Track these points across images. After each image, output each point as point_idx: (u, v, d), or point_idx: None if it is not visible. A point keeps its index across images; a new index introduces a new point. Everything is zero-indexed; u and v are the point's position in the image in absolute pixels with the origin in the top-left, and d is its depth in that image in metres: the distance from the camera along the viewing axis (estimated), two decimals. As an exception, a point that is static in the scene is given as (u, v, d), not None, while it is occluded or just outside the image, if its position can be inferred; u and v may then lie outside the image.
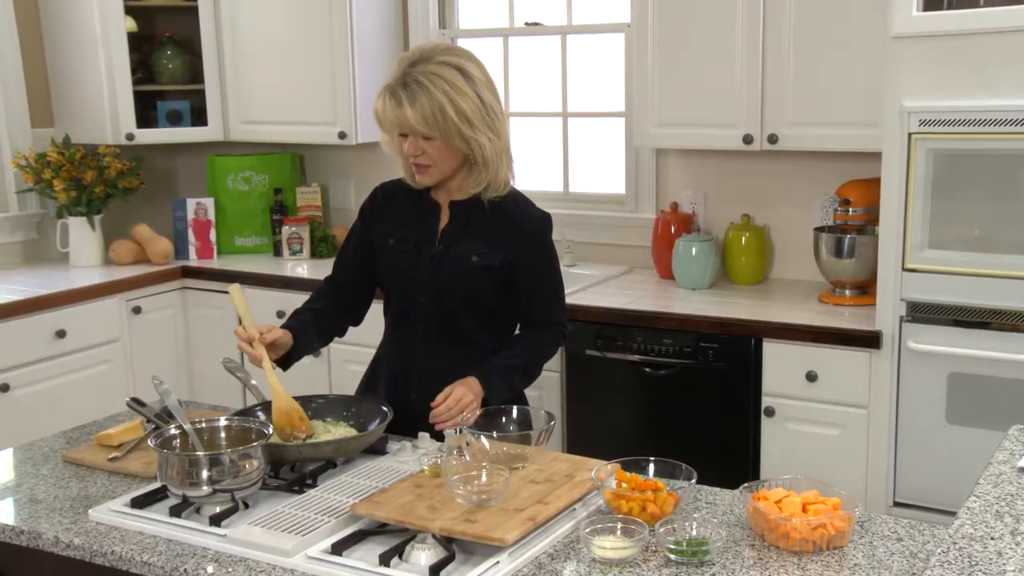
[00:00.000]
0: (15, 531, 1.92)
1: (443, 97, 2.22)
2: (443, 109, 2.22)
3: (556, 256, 2.51)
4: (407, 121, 2.24)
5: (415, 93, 2.22)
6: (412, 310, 2.44)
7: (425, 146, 2.28)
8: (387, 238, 2.46)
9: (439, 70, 2.24)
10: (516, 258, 2.39)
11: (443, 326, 2.41)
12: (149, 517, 1.92)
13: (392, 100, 2.25)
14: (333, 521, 1.85)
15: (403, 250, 2.43)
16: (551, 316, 2.50)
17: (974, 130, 2.80)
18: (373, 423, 2.23)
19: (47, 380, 3.73)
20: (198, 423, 2.07)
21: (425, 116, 2.22)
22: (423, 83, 2.22)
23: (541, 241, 2.46)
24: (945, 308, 2.91)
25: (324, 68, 4.16)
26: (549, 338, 2.50)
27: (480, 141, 2.28)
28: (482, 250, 2.38)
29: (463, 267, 2.38)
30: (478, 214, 2.40)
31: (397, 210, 2.47)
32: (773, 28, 3.33)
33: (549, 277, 2.47)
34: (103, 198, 4.24)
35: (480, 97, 2.27)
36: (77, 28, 4.25)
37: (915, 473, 3.00)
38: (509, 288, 2.42)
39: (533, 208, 2.46)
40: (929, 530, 1.82)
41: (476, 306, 2.41)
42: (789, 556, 1.74)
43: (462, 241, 2.39)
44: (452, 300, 2.40)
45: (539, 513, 1.82)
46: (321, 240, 4.36)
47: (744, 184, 3.81)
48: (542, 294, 2.47)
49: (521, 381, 2.43)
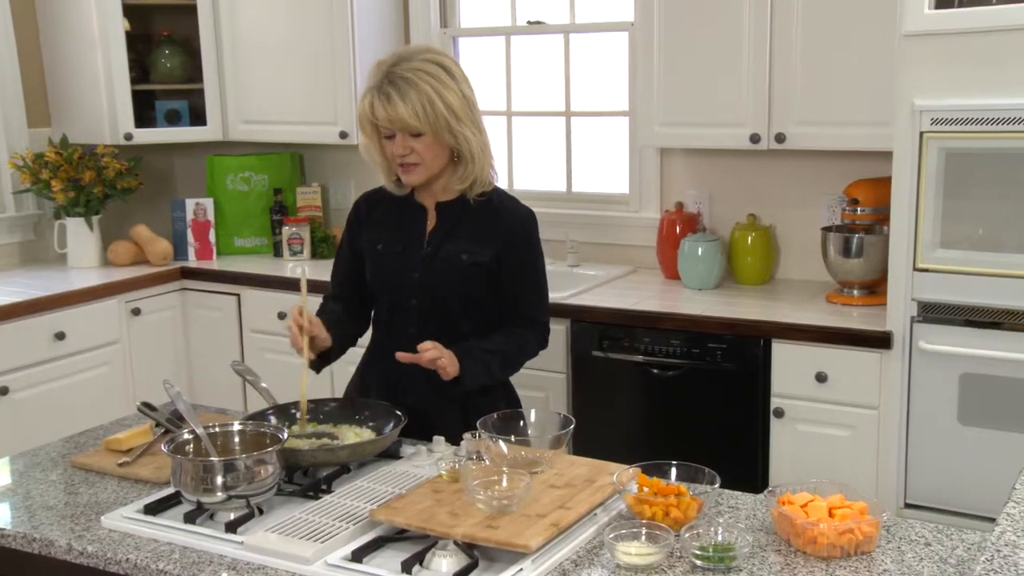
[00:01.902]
0: (26, 538, 1.89)
1: (431, 90, 2.25)
2: (432, 102, 2.25)
3: (542, 254, 2.50)
4: (399, 117, 2.24)
5: (403, 89, 2.24)
6: (403, 314, 2.43)
7: (414, 144, 2.29)
8: (375, 244, 2.46)
9: (422, 66, 2.27)
10: (503, 255, 2.39)
11: (435, 329, 2.39)
12: (163, 524, 1.89)
13: (381, 98, 2.26)
14: (351, 528, 1.82)
15: (391, 254, 2.43)
16: (536, 316, 2.48)
17: (986, 129, 2.78)
18: (387, 427, 2.20)
19: (47, 383, 3.69)
20: (211, 427, 2.03)
21: (416, 111, 2.24)
22: (410, 79, 2.25)
23: (528, 238, 2.45)
24: (957, 308, 2.89)
25: (325, 67, 4.12)
26: (533, 337, 2.48)
27: (466, 135, 2.31)
28: (471, 248, 2.38)
29: (453, 267, 2.37)
30: (465, 213, 2.40)
31: (382, 216, 2.48)
32: (780, 26, 3.30)
33: (535, 275, 2.47)
34: (101, 199, 4.19)
35: (463, 92, 2.31)
36: (74, 27, 4.20)
37: (926, 475, 2.98)
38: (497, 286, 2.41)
39: (518, 205, 2.47)
40: (957, 534, 1.79)
41: (468, 306, 2.40)
42: (817, 562, 1.72)
43: (451, 241, 2.39)
44: (443, 301, 2.39)
45: (562, 519, 1.79)
46: (322, 240, 4.33)
47: (749, 183, 3.78)
48: (528, 292, 2.46)
49: (499, 369, 2.40)
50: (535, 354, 2.48)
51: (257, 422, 2.11)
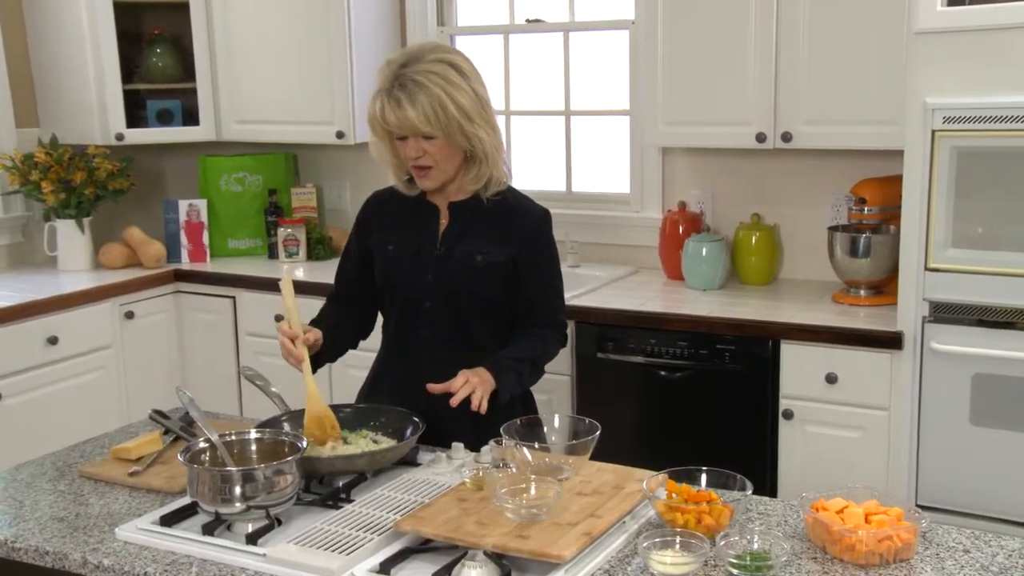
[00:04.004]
0: (38, 552, 1.83)
1: (442, 93, 2.19)
2: (443, 105, 2.19)
3: (557, 254, 2.47)
4: (409, 122, 2.19)
5: (413, 92, 2.19)
6: (416, 317, 2.37)
7: (426, 146, 2.24)
8: (386, 245, 2.40)
9: (432, 67, 2.21)
10: (520, 255, 2.35)
11: (449, 331, 2.35)
12: (180, 536, 1.83)
13: (391, 102, 2.21)
14: (376, 538, 1.77)
15: (404, 255, 2.37)
16: (553, 316, 2.44)
17: (999, 127, 2.75)
18: (404, 433, 2.15)
19: (40, 388, 3.61)
20: (227, 436, 1.98)
21: (427, 114, 2.19)
22: (420, 81, 2.19)
23: (544, 238, 2.42)
24: (969, 308, 2.87)
25: (321, 66, 4.06)
26: (553, 337, 2.44)
27: (480, 136, 2.26)
28: (486, 249, 2.33)
29: (468, 267, 2.32)
30: (479, 213, 2.36)
31: (394, 216, 2.42)
32: (786, 23, 3.27)
33: (551, 275, 2.43)
34: (93, 200, 4.12)
35: (475, 91, 2.26)
36: (63, 24, 4.12)
37: (938, 476, 2.95)
38: (513, 287, 2.36)
39: (533, 204, 2.43)
40: (996, 541, 1.76)
41: (482, 308, 2.35)
42: (855, 570, 1.68)
43: (465, 241, 2.34)
44: (458, 302, 2.34)
45: (593, 527, 1.75)
46: (318, 242, 4.26)
47: (751, 182, 3.75)
48: (544, 292, 2.42)
49: (529, 376, 2.36)
50: (556, 355, 2.44)
51: (274, 430, 2.06)
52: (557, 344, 2.44)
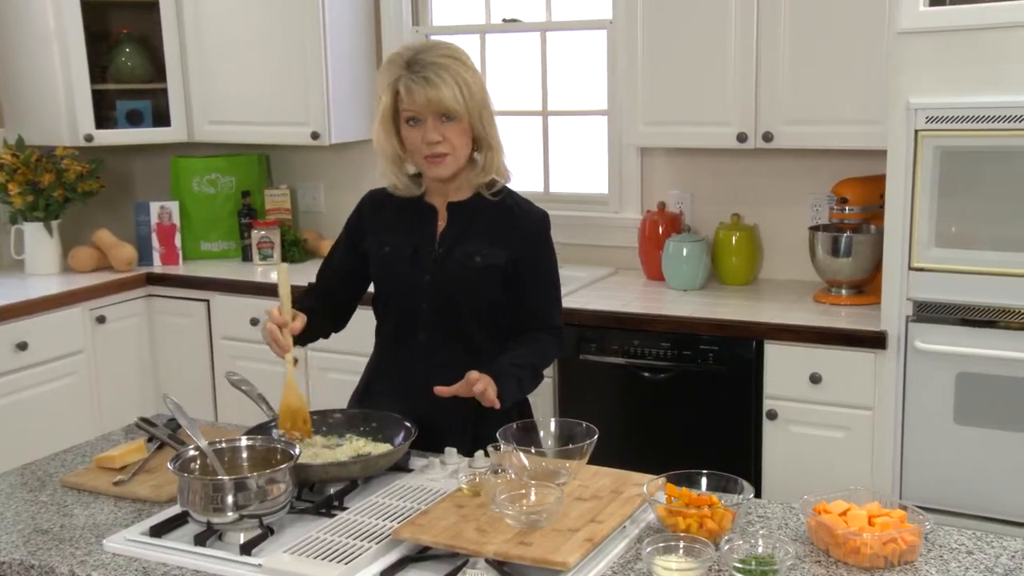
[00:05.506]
0: (23, 566, 1.77)
1: (465, 74, 2.20)
2: (468, 85, 2.20)
3: (555, 257, 2.43)
4: (440, 99, 2.17)
5: (439, 72, 2.18)
6: (414, 319, 2.33)
7: (446, 130, 2.21)
8: (382, 247, 2.36)
9: (444, 58, 2.21)
10: (519, 257, 2.31)
11: (447, 333, 2.31)
12: (171, 546, 1.78)
13: (419, 80, 2.18)
14: (374, 547, 1.74)
15: (400, 257, 2.33)
16: (552, 319, 2.41)
17: (982, 127, 2.76)
18: (396, 438, 2.12)
19: (9, 395, 3.53)
20: (217, 443, 1.93)
21: (455, 93, 2.18)
22: (441, 63, 2.19)
23: (543, 240, 2.39)
24: (952, 307, 2.87)
25: (295, 66, 4.00)
26: (551, 342, 2.40)
27: (492, 122, 2.28)
28: (485, 250, 2.29)
29: (466, 269, 2.28)
30: (478, 214, 2.32)
31: (389, 217, 2.38)
32: (767, 22, 3.27)
33: (550, 278, 2.40)
34: (61, 202, 4.03)
35: (481, 83, 2.27)
36: (28, 22, 4.03)
37: (922, 475, 2.96)
38: (511, 289, 2.32)
39: (532, 206, 2.41)
40: (998, 542, 1.76)
41: (480, 310, 2.31)
42: (860, 573, 1.67)
43: (463, 242, 2.30)
44: (456, 304, 2.30)
45: (595, 533, 1.73)
46: (292, 244, 4.21)
47: (731, 182, 3.75)
48: (542, 295, 2.39)
49: (529, 382, 2.32)
50: (553, 360, 2.40)
51: (266, 438, 2.01)
52: (555, 349, 2.41)
